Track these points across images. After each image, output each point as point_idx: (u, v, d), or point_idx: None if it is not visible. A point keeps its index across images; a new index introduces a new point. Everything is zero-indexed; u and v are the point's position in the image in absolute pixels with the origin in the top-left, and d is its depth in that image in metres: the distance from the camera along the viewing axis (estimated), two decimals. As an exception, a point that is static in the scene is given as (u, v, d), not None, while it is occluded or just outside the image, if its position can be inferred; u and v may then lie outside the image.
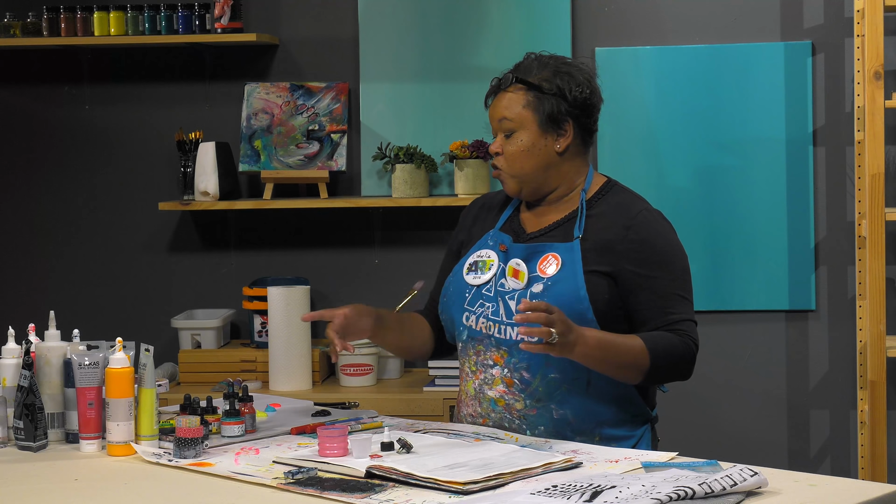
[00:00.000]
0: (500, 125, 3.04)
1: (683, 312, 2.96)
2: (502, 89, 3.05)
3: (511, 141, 3.03)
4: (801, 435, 4.75)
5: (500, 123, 3.04)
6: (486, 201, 3.22)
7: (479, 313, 3.02)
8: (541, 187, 3.05)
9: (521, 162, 3.02)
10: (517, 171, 3.03)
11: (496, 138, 3.06)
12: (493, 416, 3.00)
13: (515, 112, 3.02)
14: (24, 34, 4.82)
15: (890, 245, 4.60)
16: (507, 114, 3.03)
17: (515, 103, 3.02)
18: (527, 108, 3.01)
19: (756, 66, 4.67)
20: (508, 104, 3.03)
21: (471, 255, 3.09)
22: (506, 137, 3.03)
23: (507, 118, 3.03)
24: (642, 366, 2.89)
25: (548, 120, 3.01)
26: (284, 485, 2.57)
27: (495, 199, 3.20)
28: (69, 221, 5.03)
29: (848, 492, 2.48)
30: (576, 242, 2.97)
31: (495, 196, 3.22)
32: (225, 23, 4.73)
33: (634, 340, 2.89)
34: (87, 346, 3.01)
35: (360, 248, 4.91)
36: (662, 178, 4.73)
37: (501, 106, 3.04)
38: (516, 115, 3.02)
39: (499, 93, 3.06)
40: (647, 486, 2.39)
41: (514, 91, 3.03)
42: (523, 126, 3.02)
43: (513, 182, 3.05)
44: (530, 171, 3.03)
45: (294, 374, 4.50)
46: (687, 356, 2.94)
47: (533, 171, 3.03)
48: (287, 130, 4.83)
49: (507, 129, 3.03)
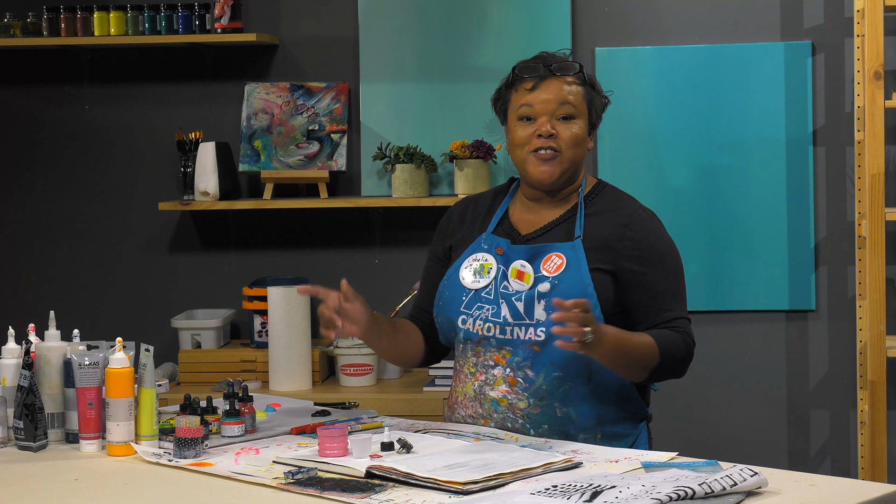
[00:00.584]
0: (559, 108, 3.00)
1: (679, 310, 3.00)
2: (557, 75, 3.02)
3: (569, 126, 3.01)
4: (801, 435, 4.75)
5: (559, 107, 3.00)
6: (469, 204, 3.19)
7: (478, 316, 3.01)
8: (570, 179, 3.06)
9: (574, 149, 3.02)
10: (571, 156, 3.02)
11: (537, 120, 3.01)
12: (495, 416, 3.00)
13: (578, 100, 3.02)
14: (24, 34, 4.82)
15: (890, 245, 4.60)
16: (570, 98, 3.01)
17: (576, 92, 3.02)
18: (584, 101, 3.03)
19: (756, 66, 4.67)
20: (570, 90, 3.01)
21: (465, 258, 3.08)
22: (561, 121, 3.01)
23: (571, 102, 3.01)
24: (652, 363, 2.92)
25: (594, 116, 3.06)
26: (284, 485, 2.57)
27: (479, 201, 3.18)
28: (69, 221, 5.03)
29: (848, 492, 2.48)
30: (578, 241, 2.98)
31: (478, 199, 3.20)
32: (225, 23, 4.73)
33: (646, 338, 2.92)
34: (87, 346, 3.01)
35: (360, 248, 4.91)
36: (662, 178, 4.73)
37: (563, 89, 3.01)
38: (578, 103, 3.02)
39: (549, 77, 3.02)
40: (647, 486, 2.39)
41: (572, 81, 3.02)
42: (581, 115, 3.02)
43: (560, 168, 3.01)
44: (578, 159, 3.03)
45: (294, 374, 4.50)
46: (686, 354, 2.98)
47: (577, 160, 3.04)
48: (287, 130, 4.83)
49: (567, 113, 3.01)
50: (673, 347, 2.94)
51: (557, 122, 3.01)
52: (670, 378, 3.00)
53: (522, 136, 3.02)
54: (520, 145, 3.03)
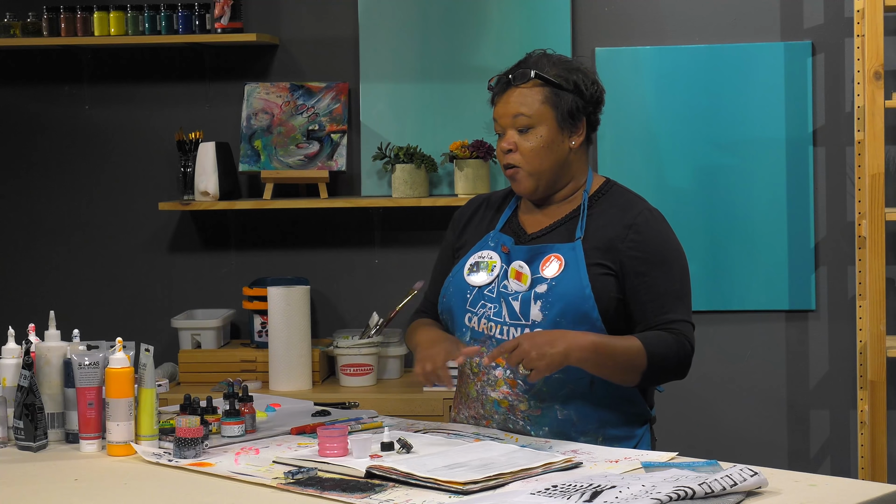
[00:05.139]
0: (515, 121, 2.99)
1: (680, 313, 2.96)
2: (516, 84, 3.01)
3: (528, 137, 2.99)
4: (801, 435, 4.75)
5: (514, 119, 2.99)
6: (483, 202, 3.20)
7: (481, 314, 3.01)
8: (554, 185, 3.04)
9: (540, 158, 3.00)
10: (536, 167, 3.00)
11: (505, 135, 3.02)
12: (496, 417, 3.00)
13: (534, 108, 2.99)
14: (24, 34, 4.82)
15: (890, 245, 4.60)
16: (523, 109, 2.99)
17: (533, 99, 2.99)
18: (545, 104, 2.99)
19: (756, 66, 4.67)
20: (524, 100, 2.99)
21: (471, 255, 3.08)
22: (520, 133, 3.00)
23: (524, 114, 2.98)
24: (640, 367, 2.90)
25: (566, 116, 2.99)
26: (284, 485, 2.58)
27: (492, 199, 3.19)
28: (69, 221, 5.03)
29: (848, 492, 2.48)
30: (578, 242, 2.97)
31: (491, 197, 3.20)
32: (225, 23, 4.73)
33: (631, 341, 2.90)
34: (87, 346, 3.01)
35: (360, 248, 4.91)
36: (662, 178, 4.73)
37: (516, 101, 2.99)
38: (534, 111, 2.99)
39: (510, 88, 3.02)
40: (647, 486, 2.39)
41: (530, 87, 3.00)
42: (542, 122, 2.99)
43: (529, 180, 3.01)
44: (548, 167, 3.01)
45: (294, 374, 4.50)
46: (682, 356, 2.94)
47: (550, 168, 3.01)
48: (287, 130, 4.83)
49: (523, 125, 2.99)
50: (663, 349, 2.91)
51: (519, 134, 3.01)
52: (669, 380, 2.99)
53: (498, 153, 3.06)
54: (500, 161, 3.07)
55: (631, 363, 2.89)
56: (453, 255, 3.17)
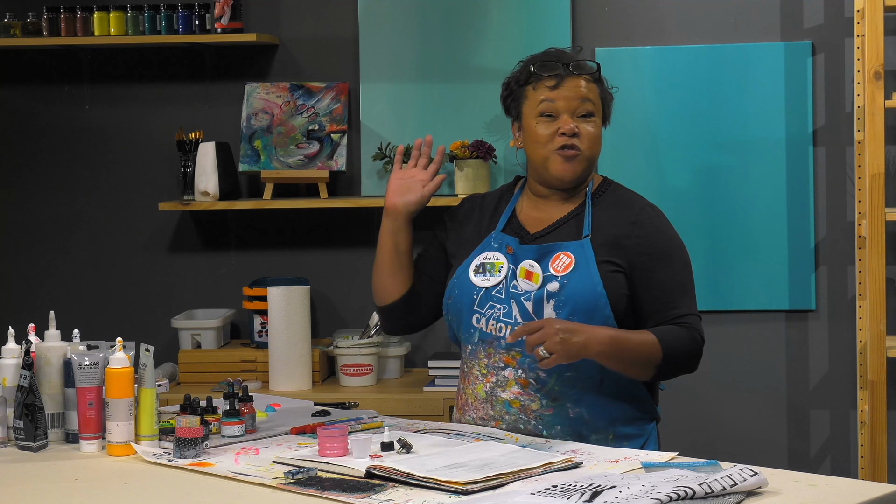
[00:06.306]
0: (581, 106, 3.03)
1: (688, 306, 3.01)
2: (576, 74, 3.04)
3: (590, 123, 3.04)
4: (801, 435, 4.75)
5: (580, 104, 3.02)
6: (476, 204, 3.19)
7: (490, 315, 3.01)
8: (585, 178, 3.08)
9: (596, 146, 3.06)
10: (593, 153, 3.06)
11: (559, 118, 3.02)
12: (507, 418, 3.00)
13: (595, 98, 3.05)
14: (24, 34, 4.82)
15: (890, 245, 4.60)
16: (591, 96, 3.04)
17: (593, 90, 3.05)
18: (599, 99, 3.07)
19: (756, 66, 4.67)
20: (589, 88, 3.05)
21: (475, 256, 3.07)
22: (581, 119, 3.03)
23: (591, 101, 3.04)
24: (655, 360, 2.93)
25: (608, 116, 3.10)
26: (284, 485, 2.58)
27: (486, 201, 3.18)
28: (69, 221, 5.03)
29: (848, 492, 2.48)
30: (586, 240, 2.98)
31: (485, 198, 3.20)
32: (225, 23, 4.73)
33: (646, 335, 2.93)
34: (87, 346, 3.01)
35: (360, 248, 4.90)
36: (662, 178, 4.73)
37: (583, 87, 3.04)
38: (596, 102, 3.05)
39: (568, 76, 3.03)
40: (647, 486, 2.39)
41: (588, 79, 3.05)
42: (598, 113, 3.06)
43: (584, 165, 3.04)
44: (597, 155, 3.07)
45: (294, 374, 4.50)
46: (694, 350, 2.99)
47: (595, 159, 3.08)
48: (287, 130, 4.83)
49: (587, 111, 3.03)
50: (677, 343, 2.95)
51: (578, 119, 3.03)
52: (681, 374, 3.02)
53: (544, 134, 3.03)
54: (542, 143, 3.03)
55: (646, 357, 2.92)
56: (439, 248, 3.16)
